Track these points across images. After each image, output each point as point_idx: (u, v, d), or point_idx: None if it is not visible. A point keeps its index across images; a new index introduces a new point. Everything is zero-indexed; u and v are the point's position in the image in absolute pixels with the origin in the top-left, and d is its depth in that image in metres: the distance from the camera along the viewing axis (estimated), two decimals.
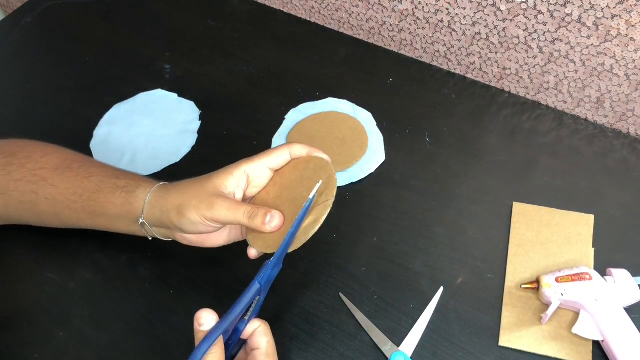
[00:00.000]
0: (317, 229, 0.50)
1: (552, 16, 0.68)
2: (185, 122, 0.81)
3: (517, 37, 0.73)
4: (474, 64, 0.80)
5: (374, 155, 0.74)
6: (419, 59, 0.85)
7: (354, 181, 0.72)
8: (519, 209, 0.67)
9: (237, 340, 0.50)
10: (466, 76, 0.82)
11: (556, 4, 0.66)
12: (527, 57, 0.74)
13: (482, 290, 0.61)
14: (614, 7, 0.63)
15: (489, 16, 0.73)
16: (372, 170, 0.72)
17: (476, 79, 0.82)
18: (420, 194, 0.70)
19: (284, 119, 0.79)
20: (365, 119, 0.77)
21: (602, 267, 0.60)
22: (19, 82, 0.91)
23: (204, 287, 0.64)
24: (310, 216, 0.51)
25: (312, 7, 0.91)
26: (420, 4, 0.78)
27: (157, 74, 0.88)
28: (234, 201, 0.53)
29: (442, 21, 0.78)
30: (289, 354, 0.59)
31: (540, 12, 0.68)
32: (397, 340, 0.59)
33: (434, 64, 0.84)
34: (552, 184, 0.69)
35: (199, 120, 0.81)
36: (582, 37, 0.68)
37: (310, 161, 0.55)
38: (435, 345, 0.58)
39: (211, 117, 0.81)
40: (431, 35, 0.81)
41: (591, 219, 0.65)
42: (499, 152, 0.73)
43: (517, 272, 0.62)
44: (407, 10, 0.80)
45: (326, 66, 0.86)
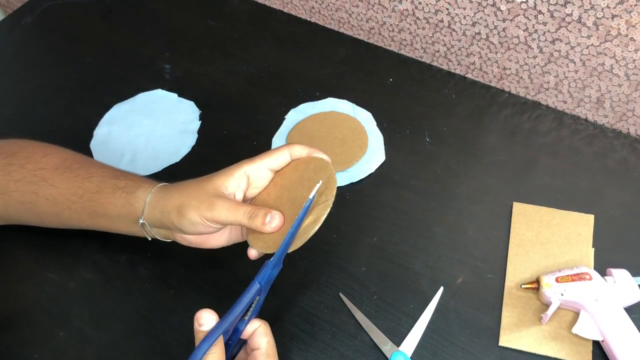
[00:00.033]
0: (317, 228, 0.50)
1: (552, 16, 0.68)
2: (185, 122, 0.81)
3: (517, 37, 0.73)
4: (474, 64, 0.80)
5: (374, 155, 0.74)
6: (419, 59, 0.85)
7: (354, 181, 0.72)
8: (519, 209, 0.67)
9: (237, 340, 0.50)
10: (466, 76, 0.82)
11: (556, 4, 0.66)
12: (527, 57, 0.74)
13: (482, 290, 0.62)
14: (614, 7, 0.63)
15: (489, 16, 0.73)
16: (372, 170, 0.72)
17: (476, 79, 0.82)
18: (420, 194, 0.70)
19: (284, 119, 0.79)
20: (365, 119, 0.77)
21: (602, 267, 0.60)
22: (19, 82, 0.91)
23: (204, 287, 0.64)
24: (310, 216, 0.51)
25: (312, 7, 0.91)
26: (420, 4, 0.78)
27: (157, 74, 0.88)
28: (234, 202, 0.53)
29: (442, 21, 0.78)
30: (289, 354, 0.59)
31: (540, 12, 0.68)
32: (397, 340, 0.59)
33: (434, 64, 0.84)
34: (552, 184, 0.69)
35: (199, 120, 0.81)
36: (582, 37, 0.68)
37: (310, 162, 0.55)
38: (435, 345, 0.58)
39: (211, 117, 0.81)
40: (431, 35, 0.81)
41: (591, 219, 0.65)
42: (499, 152, 0.73)
43: (517, 272, 0.62)
44: (407, 10, 0.80)
45: (326, 66, 0.86)
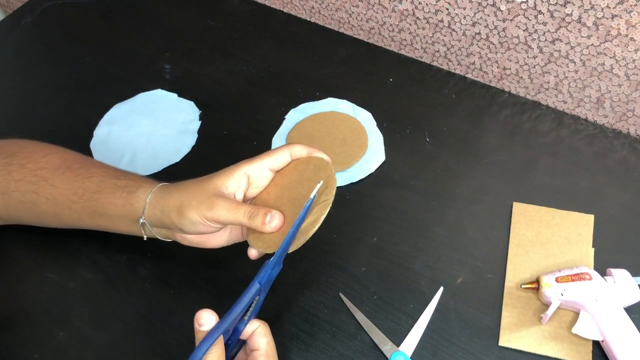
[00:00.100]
0: (316, 228, 0.50)
1: (552, 16, 0.68)
2: (185, 122, 0.81)
3: (517, 37, 0.73)
4: (474, 64, 0.80)
5: (374, 155, 0.74)
6: (419, 59, 0.85)
7: (354, 181, 0.72)
8: (519, 209, 0.67)
9: (236, 340, 0.50)
10: (466, 76, 0.82)
11: (556, 4, 0.66)
12: (527, 57, 0.74)
13: (482, 290, 0.62)
14: (614, 7, 0.63)
15: (489, 16, 0.73)
16: (372, 170, 0.72)
17: (476, 79, 0.82)
18: (420, 194, 0.70)
19: (284, 119, 0.79)
20: (365, 119, 0.77)
21: (602, 267, 0.60)
22: (19, 82, 0.91)
23: (204, 287, 0.64)
24: (309, 216, 0.51)
25: (312, 7, 0.91)
26: (420, 4, 0.78)
27: (157, 74, 0.88)
28: (234, 201, 0.53)
29: (442, 21, 0.78)
30: (289, 354, 0.59)
31: (540, 12, 0.68)
32: (397, 340, 0.59)
33: (434, 64, 0.84)
34: (552, 184, 0.69)
35: (199, 120, 0.81)
36: (582, 37, 0.68)
37: (310, 161, 0.55)
38: (435, 345, 0.58)
39: (211, 117, 0.81)
40: (431, 35, 0.81)
41: (591, 219, 0.65)
42: (499, 152, 0.73)
43: (517, 272, 0.62)
44: (407, 10, 0.80)
45: (326, 66, 0.86)
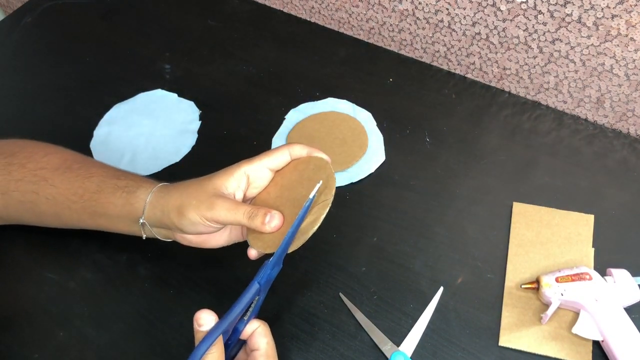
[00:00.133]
0: (316, 228, 0.50)
1: (552, 16, 0.68)
2: (185, 122, 0.81)
3: (517, 37, 0.73)
4: (474, 64, 0.80)
5: (374, 155, 0.74)
6: (419, 59, 0.85)
7: (354, 181, 0.72)
8: (519, 209, 0.67)
9: (236, 340, 0.50)
10: (466, 76, 0.82)
11: (556, 4, 0.66)
12: (527, 57, 0.74)
13: (482, 290, 0.61)
14: (614, 7, 0.63)
15: (489, 16, 0.73)
16: (372, 170, 0.72)
17: (476, 79, 0.82)
18: (420, 194, 0.70)
19: (284, 119, 0.79)
20: (365, 119, 0.77)
21: (602, 267, 0.60)
22: (19, 82, 0.91)
23: (204, 287, 0.64)
24: (309, 216, 0.51)
25: (312, 7, 0.91)
26: (420, 4, 0.78)
27: (157, 74, 0.88)
28: (233, 201, 0.53)
29: (442, 21, 0.78)
30: (289, 354, 0.59)
31: (540, 12, 0.68)
32: (397, 340, 0.59)
33: (434, 64, 0.84)
34: (552, 184, 0.69)
35: (199, 120, 0.81)
36: (582, 37, 0.68)
37: (310, 161, 0.55)
38: (435, 345, 0.58)
39: (211, 117, 0.81)
40: (431, 35, 0.81)
41: (591, 219, 0.65)
42: (499, 152, 0.73)
43: (517, 272, 0.62)
44: (407, 10, 0.80)
45: (326, 66, 0.86)
